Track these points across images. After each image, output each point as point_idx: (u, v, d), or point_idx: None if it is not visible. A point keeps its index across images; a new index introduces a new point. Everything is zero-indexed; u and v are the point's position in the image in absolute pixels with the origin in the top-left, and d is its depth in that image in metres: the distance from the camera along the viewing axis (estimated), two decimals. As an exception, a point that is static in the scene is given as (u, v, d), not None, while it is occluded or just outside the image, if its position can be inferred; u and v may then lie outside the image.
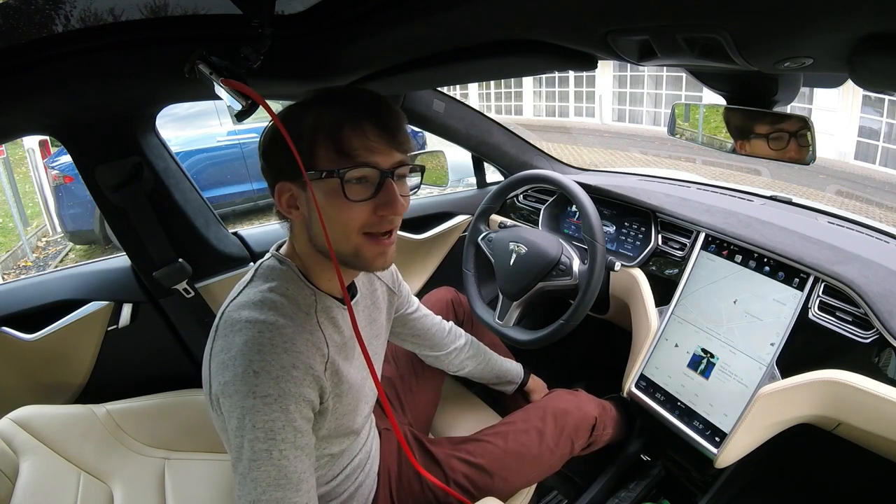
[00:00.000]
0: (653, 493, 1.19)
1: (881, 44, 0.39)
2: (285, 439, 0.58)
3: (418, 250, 1.63)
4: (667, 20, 0.47)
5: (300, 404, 0.61)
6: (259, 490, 0.57)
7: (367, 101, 0.64)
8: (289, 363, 0.61)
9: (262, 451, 0.57)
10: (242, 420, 0.58)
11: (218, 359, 0.63)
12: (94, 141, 1.03)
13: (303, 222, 0.68)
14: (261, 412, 0.58)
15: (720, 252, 1.06)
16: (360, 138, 0.62)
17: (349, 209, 0.62)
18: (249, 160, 4.81)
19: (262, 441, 0.57)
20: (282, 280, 0.69)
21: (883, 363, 0.81)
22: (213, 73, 0.61)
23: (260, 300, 0.66)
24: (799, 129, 0.74)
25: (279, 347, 0.61)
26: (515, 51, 0.64)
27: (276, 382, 0.59)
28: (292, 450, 0.59)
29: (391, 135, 0.64)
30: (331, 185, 0.62)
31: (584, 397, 1.14)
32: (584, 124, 13.78)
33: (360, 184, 0.63)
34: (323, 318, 0.70)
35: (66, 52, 0.70)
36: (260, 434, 0.57)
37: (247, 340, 0.61)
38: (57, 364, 1.15)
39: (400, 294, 0.97)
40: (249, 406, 0.58)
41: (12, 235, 5.28)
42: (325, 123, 0.62)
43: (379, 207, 0.64)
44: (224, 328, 0.65)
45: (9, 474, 0.87)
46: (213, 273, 1.24)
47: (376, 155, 0.63)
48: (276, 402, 0.59)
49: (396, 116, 0.65)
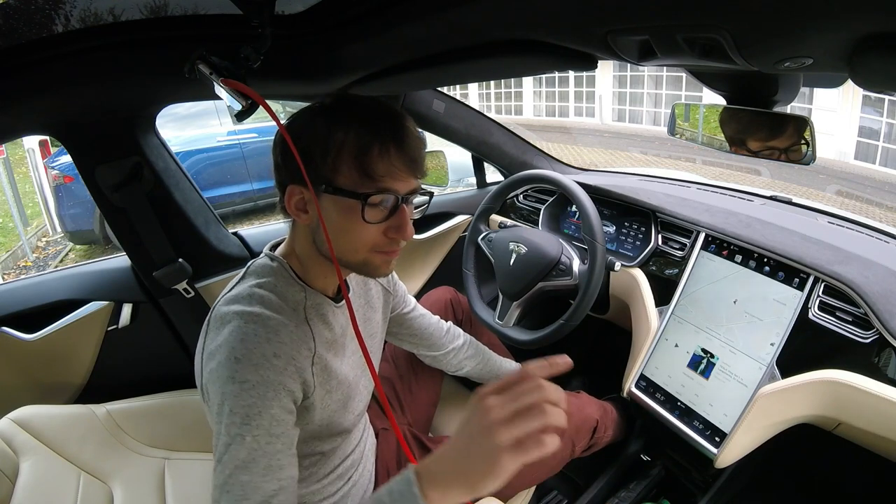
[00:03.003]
0: (653, 493, 1.19)
1: (881, 44, 0.39)
2: (260, 425, 0.58)
3: (418, 250, 1.63)
4: (667, 20, 0.47)
5: (279, 393, 0.61)
6: (227, 472, 0.57)
7: (395, 124, 0.65)
8: (270, 352, 0.62)
9: (237, 436, 0.58)
10: (222, 406, 0.59)
11: (206, 351, 0.65)
12: (94, 141, 1.03)
13: (309, 226, 0.69)
14: (238, 397, 0.59)
15: (720, 252, 1.06)
16: (386, 164, 0.63)
17: (363, 229, 0.64)
18: (249, 160, 4.81)
19: (238, 426, 0.58)
20: (272, 277, 0.70)
21: (883, 363, 0.82)
22: (213, 73, 0.61)
23: (248, 295, 0.67)
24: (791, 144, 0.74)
25: (262, 337, 0.62)
26: (515, 51, 0.64)
27: (255, 369, 0.60)
28: (266, 436, 0.59)
29: (414, 163, 0.65)
30: (349, 204, 0.63)
31: (585, 399, 1.14)
32: (584, 124, 13.78)
33: (377, 207, 0.64)
34: (312, 315, 0.71)
35: (66, 53, 0.70)
36: (236, 419, 0.58)
37: (232, 330, 0.63)
38: (57, 364, 1.15)
39: (396, 294, 0.97)
40: (228, 391, 0.59)
41: (12, 235, 5.28)
42: (353, 143, 0.62)
43: (390, 230, 0.66)
44: (213, 323, 0.66)
45: (9, 474, 0.87)
46: (213, 273, 1.24)
47: (398, 182, 0.64)
48: (255, 389, 0.59)
49: (419, 143, 0.67)
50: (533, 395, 0.47)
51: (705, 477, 1.13)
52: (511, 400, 0.47)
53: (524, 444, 0.45)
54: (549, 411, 0.46)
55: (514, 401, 0.47)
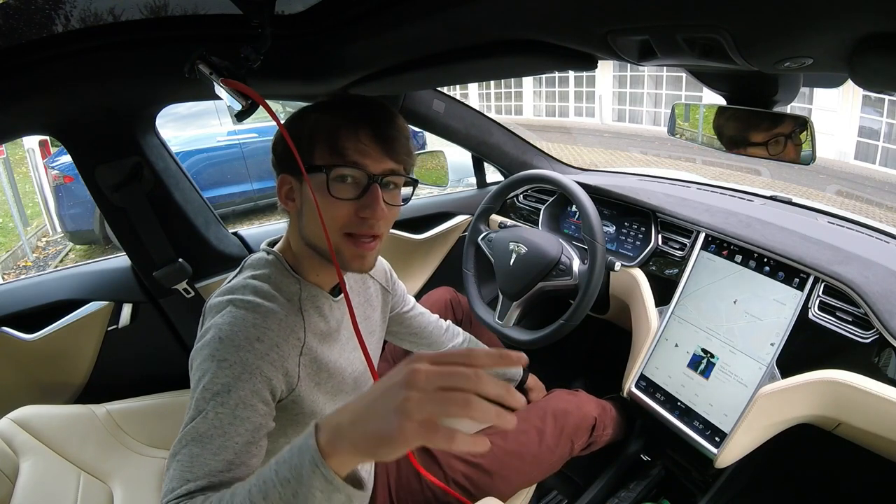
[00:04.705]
0: (653, 493, 1.19)
1: (881, 44, 0.39)
2: (225, 403, 0.57)
3: (418, 250, 1.63)
4: (667, 20, 0.47)
5: (254, 376, 0.60)
6: (182, 443, 0.56)
7: (370, 109, 0.67)
8: (253, 336, 0.62)
9: (202, 410, 0.57)
10: (198, 383, 0.59)
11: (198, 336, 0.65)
12: (94, 141, 1.03)
13: (296, 214, 0.71)
14: (213, 374, 0.59)
15: (720, 252, 1.06)
16: (354, 141, 0.65)
17: (332, 206, 0.65)
18: (249, 160, 4.81)
19: (206, 401, 0.57)
20: (267, 269, 0.71)
21: (883, 363, 0.81)
22: (213, 73, 0.61)
23: (243, 285, 0.68)
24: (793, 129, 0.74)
25: (249, 321, 0.63)
26: (515, 51, 0.64)
27: (235, 350, 0.60)
28: (229, 416, 0.57)
29: (386, 142, 0.66)
30: (319, 180, 0.64)
31: (583, 397, 1.14)
32: (584, 124, 13.78)
33: (346, 183, 0.65)
34: (308, 305, 0.72)
35: (66, 52, 0.70)
36: (206, 394, 0.58)
37: (223, 315, 0.64)
38: (57, 364, 1.15)
39: (395, 293, 0.97)
40: (206, 368, 0.59)
41: (12, 235, 5.28)
42: (326, 124, 0.66)
43: (361, 209, 0.66)
44: (208, 312, 0.68)
45: (9, 474, 0.87)
46: (212, 273, 1.24)
47: (367, 158, 0.65)
48: (231, 368, 0.59)
49: (396, 127, 0.68)
50: (466, 383, 0.41)
51: (705, 477, 1.13)
52: (442, 377, 0.41)
53: (433, 428, 0.40)
54: (475, 404, 0.40)
55: (444, 379, 0.41)
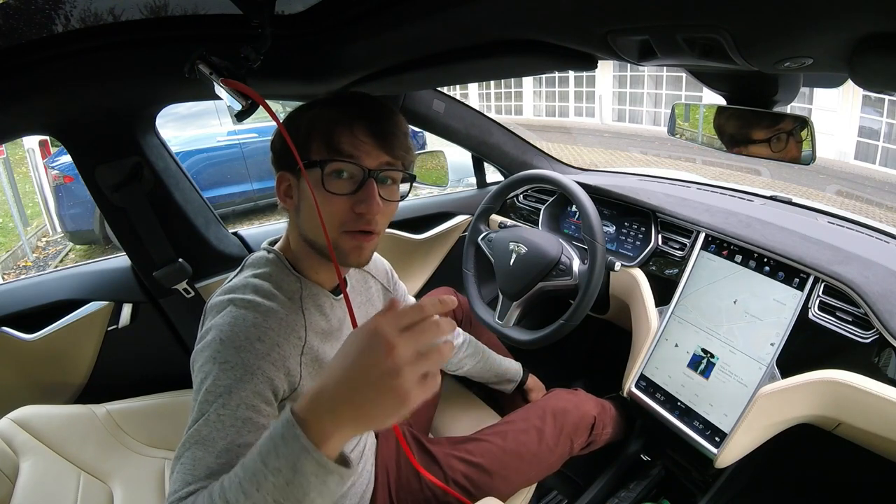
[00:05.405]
0: (653, 493, 1.19)
1: (881, 44, 0.39)
2: (226, 405, 0.57)
3: (418, 250, 1.63)
4: (667, 20, 0.47)
5: (255, 377, 0.60)
6: (185, 447, 0.56)
7: (367, 105, 0.67)
8: (254, 336, 0.62)
9: (205, 413, 0.57)
10: (200, 385, 0.59)
11: (199, 337, 0.65)
12: (94, 141, 1.03)
13: (294, 211, 0.71)
14: (215, 376, 0.59)
15: (720, 252, 1.06)
16: (349, 136, 0.65)
17: (329, 201, 0.65)
18: (249, 160, 4.81)
19: (208, 403, 0.57)
20: (268, 267, 0.71)
21: (883, 363, 0.82)
22: (213, 73, 0.61)
23: (244, 284, 0.68)
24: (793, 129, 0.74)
25: (249, 321, 0.63)
26: (515, 51, 0.64)
27: (237, 352, 0.60)
28: (231, 418, 0.57)
29: (381, 136, 0.66)
30: (316, 175, 0.64)
31: (583, 396, 1.14)
32: (584, 124, 13.78)
33: (342, 179, 0.65)
34: (308, 304, 0.72)
35: (66, 52, 0.70)
36: (209, 397, 0.58)
37: (224, 315, 0.64)
38: (57, 364, 1.15)
39: (396, 293, 0.98)
40: (208, 370, 0.59)
41: (12, 235, 5.28)
42: (322, 120, 0.66)
43: (357, 204, 0.65)
44: (209, 312, 0.67)
45: (9, 474, 0.87)
46: (213, 273, 1.24)
47: (362, 153, 0.65)
48: (233, 370, 0.59)
49: (393, 122, 0.67)
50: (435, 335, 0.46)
51: (705, 477, 1.13)
52: (415, 338, 0.45)
53: (426, 381, 0.45)
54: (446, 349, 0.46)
55: (417, 340, 0.45)
